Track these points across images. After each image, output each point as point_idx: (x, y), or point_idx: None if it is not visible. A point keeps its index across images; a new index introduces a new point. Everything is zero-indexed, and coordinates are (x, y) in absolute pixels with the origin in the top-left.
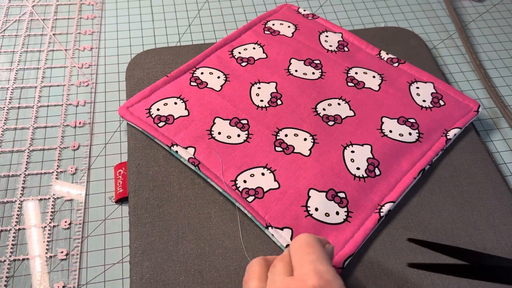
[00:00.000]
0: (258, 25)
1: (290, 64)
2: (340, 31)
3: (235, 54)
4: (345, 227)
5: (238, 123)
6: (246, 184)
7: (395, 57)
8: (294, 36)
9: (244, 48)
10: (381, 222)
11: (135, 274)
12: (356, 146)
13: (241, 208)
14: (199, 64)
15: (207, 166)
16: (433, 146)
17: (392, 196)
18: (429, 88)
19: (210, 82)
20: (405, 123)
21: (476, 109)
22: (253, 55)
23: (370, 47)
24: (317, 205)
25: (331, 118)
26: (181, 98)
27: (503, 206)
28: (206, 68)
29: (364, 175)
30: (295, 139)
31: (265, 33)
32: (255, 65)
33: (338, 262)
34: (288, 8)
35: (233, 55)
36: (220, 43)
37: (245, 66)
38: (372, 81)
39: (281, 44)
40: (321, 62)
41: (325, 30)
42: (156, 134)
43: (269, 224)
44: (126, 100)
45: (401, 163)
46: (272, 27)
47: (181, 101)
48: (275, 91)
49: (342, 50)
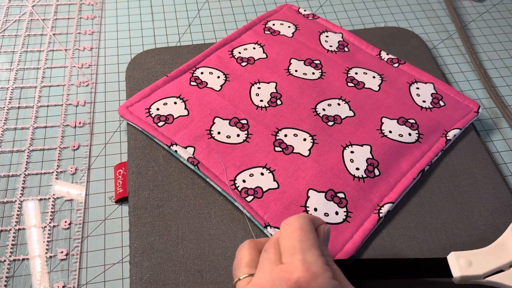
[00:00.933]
0: (258, 25)
1: (290, 64)
2: (340, 31)
3: (235, 54)
4: (344, 228)
5: (238, 123)
6: (245, 183)
7: (395, 58)
8: (294, 36)
9: (244, 48)
10: (380, 222)
11: (135, 274)
12: (356, 147)
13: (240, 208)
14: (199, 64)
15: (206, 165)
16: (432, 146)
17: (391, 196)
18: (429, 88)
19: (210, 82)
20: (405, 124)
21: (476, 110)
22: (253, 55)
23: (370, 47)
24: (316, 205)
25: (330, 118)
26: (181, 98)
27: (503, 206)
28: (206, 68)
29: (363, 176)
30: (294, 139)
31: (265, 33)
32: (255, 65)
33: None
34: (289, 8)
35: (233, 55)
36: (220, 43)
37: (245, 66)
38: (372, 82)
39: (281, 44)
40: (321, 62)
41: (325, 30)
42: (156, 133)
43: (268, 224)
44: (126, 100)
45: (400, 163)
46: (272, 27)
47: (181, 101)
48: (275, 91)
49: (342, 51)
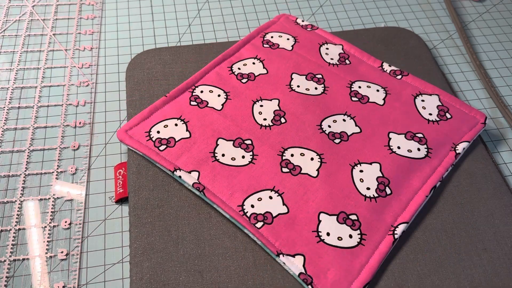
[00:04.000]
0: (256, 38)
1: (292, 79)
2: (340, 42)
3: (235, 70)
4: (359, 251)
5: (242, 144)
6: (254, 209)
7: (397, 69)
8: (294, 49)
9: (243, 64)
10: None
11: (135, 274)
12: (365, 165)
13: (250, 235)
14: (198, 82)
15: (212, 191)
16: (442, 161)
17: (405, 216)
18: (434, 100)
19: (211, 101)
20: (412, 138)
21: (483, 121)
22: (253, 71)
23: (372, 59)
24: (329, 230)
25: (337, 135)
26: (182, 119)
27: (503, 206)
28: (205, 86)
29: (375, 195)
30: (301, 159)
31: (264, 46)
32: (255, 81)
33: None
34: (286, 18)
35: (232, 72)
36: (218, 58)
37: (245, 82)
38: (376, 95)
39: (281, 58)
40: (323, 76)
41: (325, 42)
42: (158, 158)
43: (280, 252)
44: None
45: (411, 180)
46: (271, 39)
47: (182, 122)
48: (278, 108)
49: (344, 63)
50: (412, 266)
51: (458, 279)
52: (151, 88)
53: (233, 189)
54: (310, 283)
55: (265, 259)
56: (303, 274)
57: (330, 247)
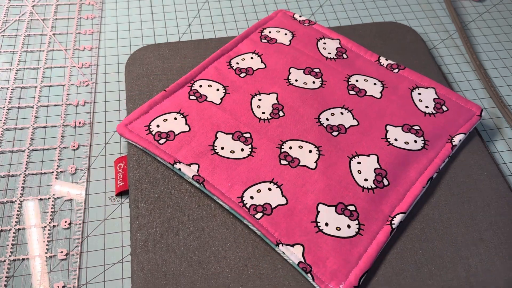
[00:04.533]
0: (254, 33)
1: (290, 73)
2: (337, 37)
3: (233, 65)
4: (357, 241)
5: (241, 137)
6: (254, 200)
7: (394, 63)
8: (292, 44)
9: (241, 58)
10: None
11: (136, 265)
12: (362, 157)
13: (250, 226)
14: (197, 76)
15: (212, 183)
16: (439, 153)
17: (402, 206)
18: (430, 93)
19: (210, 95)
20: (409, 131)
21: (479, 113)
22: (251, 65)
23: (369, 53)
24: (327, 220)
25: (335, 128)
26: (181, 113)
27: (499, 197)
28: (204, 80)
29: (372, 186)
30: (300, 152)
31: (262, 41)
32: (254, 75)
33: (354, 279)
34: (284, 14)
35: (231, 66)
36: (217, 53)
37: (244, 77)
38: (373, 89)
39: (279, 52)
40: (320, 71)
41: (322, 37)
42: (158, 151)
43: (279, 241)
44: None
45: (408, 172)
46: (268, 35)
47: (181, 116)
48: (277, 102)
49: (341, 58)
50: (410, 255)
51: (455, 268)
52: (151, 83)
53: (232, 181)
54: (309, 272)
55: (264, 249)
56: (302, 263)
57: (328, 237)
